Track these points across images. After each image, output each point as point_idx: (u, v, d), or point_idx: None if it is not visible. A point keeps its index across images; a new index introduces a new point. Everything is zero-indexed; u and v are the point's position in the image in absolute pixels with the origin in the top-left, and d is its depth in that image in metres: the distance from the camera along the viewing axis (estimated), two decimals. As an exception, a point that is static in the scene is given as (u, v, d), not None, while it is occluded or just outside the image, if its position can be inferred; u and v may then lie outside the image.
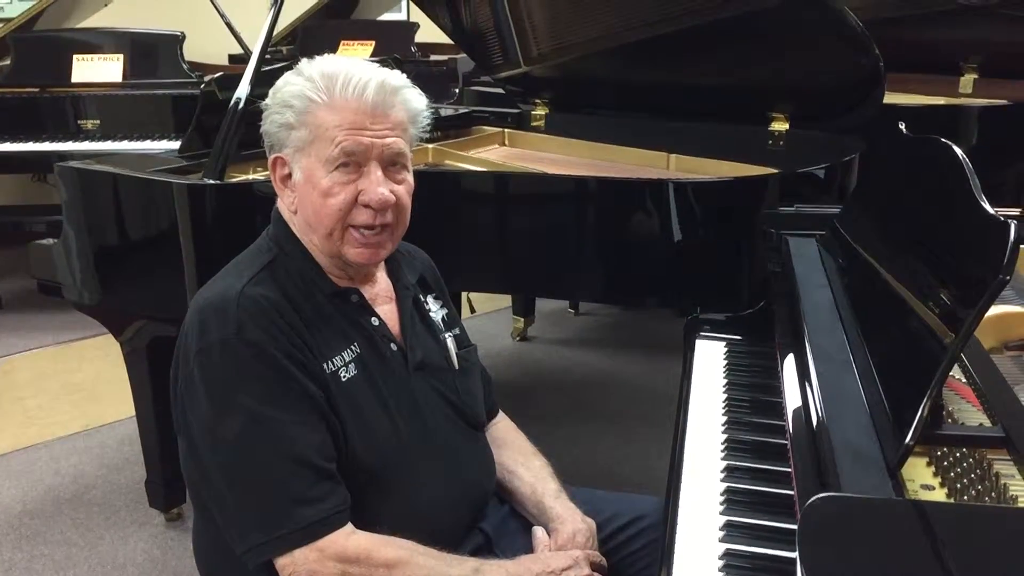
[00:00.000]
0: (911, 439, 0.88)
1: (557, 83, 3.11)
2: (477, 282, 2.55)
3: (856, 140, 2.47)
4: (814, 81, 2.53)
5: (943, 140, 1.20)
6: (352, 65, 1.30)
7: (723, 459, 1.41)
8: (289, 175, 1.33)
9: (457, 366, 1.47)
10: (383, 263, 1.44)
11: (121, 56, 4.24)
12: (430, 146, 2.87)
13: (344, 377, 1.29)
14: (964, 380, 1.24)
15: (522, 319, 3.88)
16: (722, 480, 1.35)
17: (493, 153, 3.00)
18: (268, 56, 2.56)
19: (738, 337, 1.86)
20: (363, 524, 1.26)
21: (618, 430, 3.10)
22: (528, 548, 1.42)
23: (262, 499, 1.21)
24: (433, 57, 5.18)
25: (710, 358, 1.79)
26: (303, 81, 1.30)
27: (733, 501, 1.29)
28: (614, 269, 2.33)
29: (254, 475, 1.21)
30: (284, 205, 1.37)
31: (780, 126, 2.69)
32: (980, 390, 1.08)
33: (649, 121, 2.92)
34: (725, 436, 1.47)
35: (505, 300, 4.08)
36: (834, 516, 0.80)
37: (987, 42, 3.49)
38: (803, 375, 1.17)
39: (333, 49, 5.07)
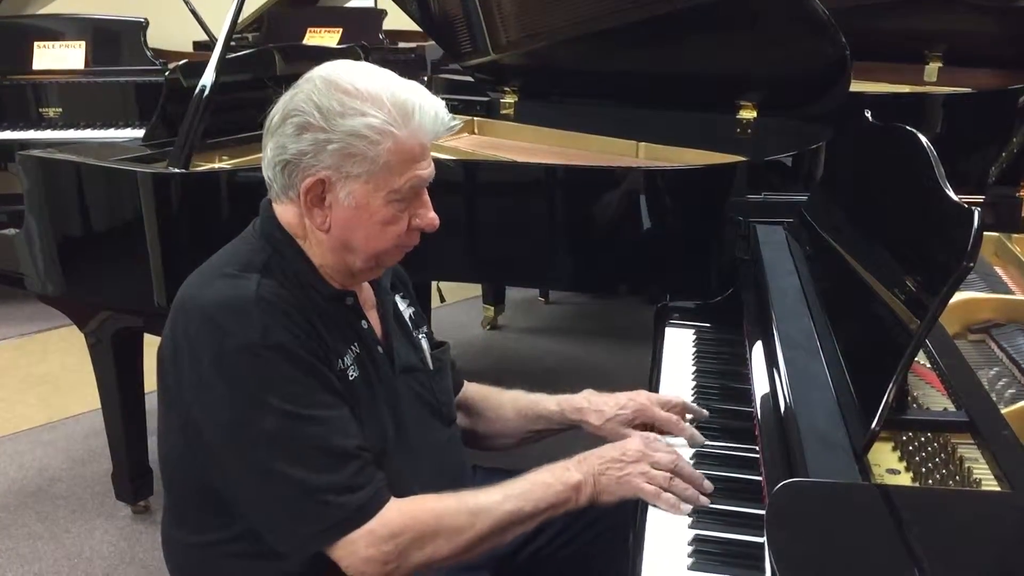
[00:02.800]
0: (877, 424, 0.89)
1: (526, 71, 3.10)
2: (447, 271, 2.54)
3: (823, 128, 2.49)
4: (781, 69, 2.54)
5: (908, 128, 1.21)
6: (418, 95, 1.25)
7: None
8: (323, 195, 1.26)
9: (432, 366, 1.47)
10: None
11: (83, 43, 4.17)
12: (399, 134, 2.85)
13: (351, 376, 1.29)
14: (929, 366, 1.25)
15: (492, 308, 3.87)
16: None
17: (462, 142, 2.98)
18: (233, 44, 2.53)
19: (707, 325, 1.87)
20: None
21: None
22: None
23: (306, 494, 1.19)
24: (401, 44, 5.15)
25: (679, 346, 1.80)
26: (380, 113, 1.22)
27: (704, 486, 1.30)
28: (584, 257, 2.33)
29: (295, 472, 1.19)
30: (304, 218, 1.29)
31: (748, 114, 2.70)
32: (944, 375, 1.10)
33: (619, 109, 2.92)
34: (694, 423, 1.48)
35: (475, 289, 4.07)
36: (801, 501, 0.81)
37: (951, 31, 3.53)
38: (771, 362, 1.18)
39: (300, 36, 5.02)
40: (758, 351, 1.29)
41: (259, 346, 1.19)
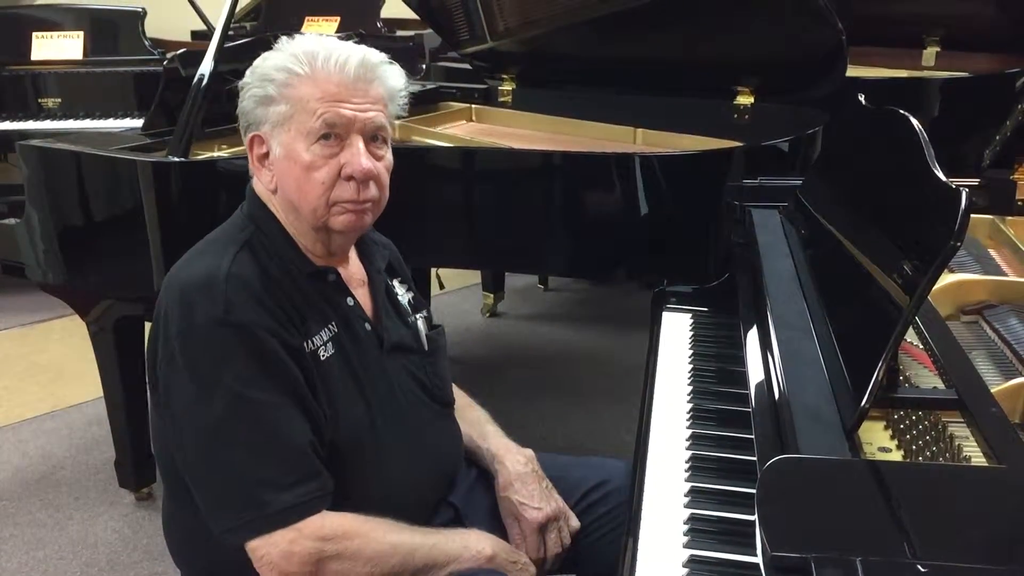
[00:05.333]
0: (867, 402, 0.90)
1: (524, 58, 3.10)
2: (446, 258, 2.56)
3: (820, 113, 2.49)
4: (778, 55, 2.54)
5: (901, 112, 1.22)
6: (333, 42, 1.31)
7: (688, 427, 1.44)
8: (267, 154, 1.32)
9: (427, 347, 1.48)
10: (355, 248, 1.45)
11: (81, 33, 4.17)
12: (396, 122, 2.86)
13: (323, 356, 1.30)
14: (920, 345, 1.27)
15: (492, 295, 3.88)
16: (687, 448, 1.38)
17: (460, 129, 2.99)
18: (231, 32, 2.53)
19: (704, 309, 1.89)
20: (337, 502, 1.27)
21: (587, 405, 3.13)
22: (495, 513, 1.46)
23: (241, 481, 1.21)
24: (400, 32, 5.13)
25: (676, 330, 1.81)
26: (284, 56, 1.29)
27: (698, 468, 1.32)
28: (581, 243, 2.34)
29: (234, 457, 1.21)
30: (262, 184, 1.35)
31: (745, 100, 2.71)
32: (935, 355, 1.11)
33: (616, 96, 2.93)
34: (691, 405, 1.50)
35: (475, 276, 4.08)
36: (791, 477, 0.82)
37: (949, 15, 3.53)
38: (765, 343, 1.20)
39: (298, 25, 5.01)
40: (752, 332, 1.30)
41: (221, 322, 1.21)
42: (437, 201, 2.36)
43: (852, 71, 3.38)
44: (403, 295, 1.50)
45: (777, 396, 1.06)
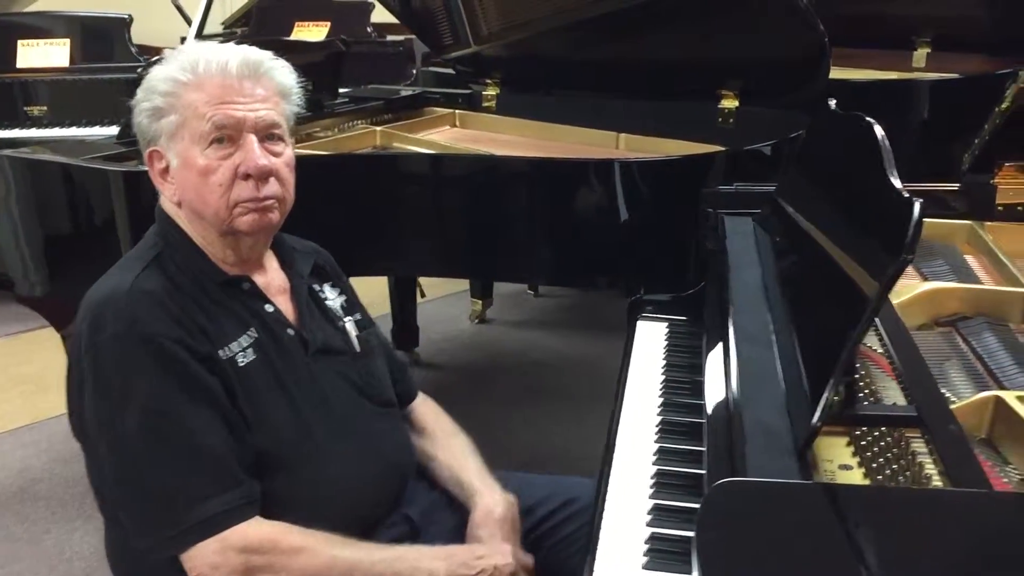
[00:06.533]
0: (818, 420, 0.86)
1: (508, 63, 3.07)
2: (424, 266, 2.52)
3: (805, 117, 2.46)
4: (761, 58, 2.51)
5: (865, 117, 1.19)
6: (214, 46, 1.33)
7: (656, 441, 1.40)
8: (167, 168, 1.33)
9: (359, 349, 1.46)
10: (274, 255, 1.45)
11: (68, 40, 4.15)
12: (378, 128, 2.84)
13: (242, 362, 1.29)
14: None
15: (480, 301, 3.85)
16: (654, 463, 1.34)
17: (443, 135, 2.96)
18: (221, 39, 2.52)
19: (681, 318, 1.84)
20: (270, 511, 1.26)
21: (574, 412, 3.09)
22: (458, 534, 1.41)
23: (161, 495, 1.20)
24: (390, 37, 5.11)
25: (651, 339, 1.78)
26: (168, 67, 1.30)
27: (663, 484, 1.28)
28: (560, 250, 2.31)
29: (153, 471, 1.20)
30: (166, 199, 1.36)
31: (730, 104, 2.68)
32: (897, 369, 1.08)
33: (600, 100, 2.90)
34: (660, 418, 1.46)
35: (463, 283, 4.05)
36: (735, 501, 0.78)
37: (939, 16, 3.50)
38: (724, 355, 1.16)
39: (288, 30, 4.99)
40: (713, 344, 1.27)
41: (126, 337, 1.20)
42: (414, 208, 2.33)
43: (842, 73, 3.39)
44: (333, 299, 1.50)
45: (730, 411, 1.02)
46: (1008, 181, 1.75)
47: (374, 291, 3.54)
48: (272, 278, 1.42)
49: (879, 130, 1.11)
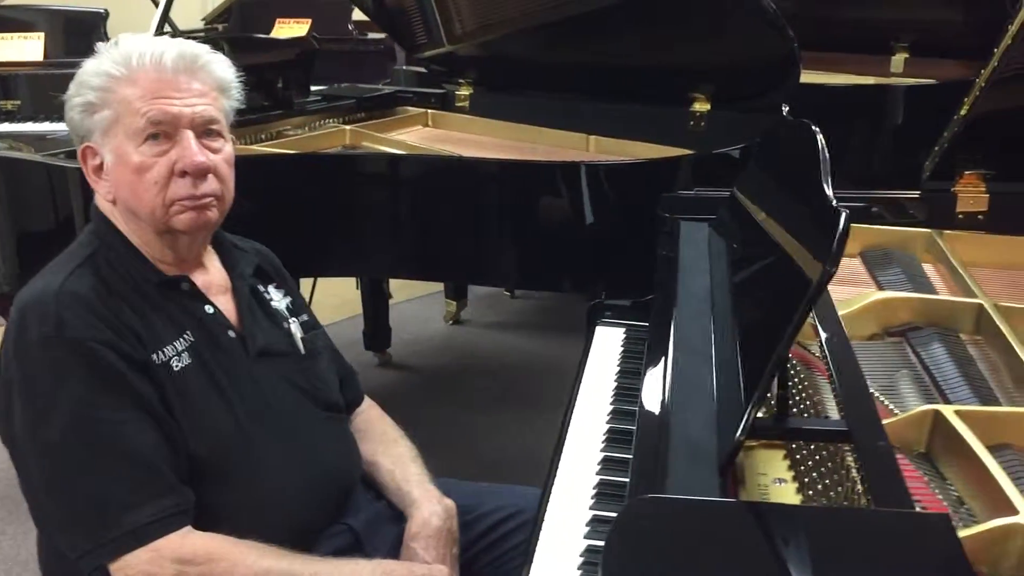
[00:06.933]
0: (741, 434, 0.84)
1: (482, 63, 3.05)
2: (388, 268, 2.50)
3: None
4: (731, 62, 2.50)
5: (809, 124, 1.17)
6: (148, 39, 1.30)
7: (602, 450, 1.37)
8: (101, 164, 1.29)
9: (303, 351, 1.43)
10: (216, 255, 1.42)
11: (42, 34, 4.11)
12: (348, 128, 2.81)
13: (176, 367, 1.25)
14: (833, 370, 1.21)
15: (455, 303, 3.82)
16: (597, 473, 1.31)
17: (414, 135, 2.93)
18: (202, 35, 2.49)
19: (641, 324, 1.82)
20: (207, 520, 1.23)
21: (545, 417, 3.04)
22: (400, 543, 1.39)
23: (90, 503, 1.17)
24: (371, 36, 5.08)
25: (608, 345, 1.76)
26: (101, 60, 1.27)
27: (604, 495, 1.25)
28: (526, 253, 2.29)
29: (80, 479, 1.17)
30: (101, 197, 1.33)
31: (701, 107, 2.66)
32: (834, 382, 1.06)
33: (573, 102, 2.87)
34: (608, 426, 1.43)
35: (437, 284, 4.02)
36: (648, 520, 0.76)
37: (918, 20, 3.48)
38: (662, 366, 1.14)
39: (269, 27, 4.96)
40: (652, 353, 1.25)
41: (52, 341, 1.17)
42: (377, 209, 2.31)
43: (819, 77, 3.37)
44: (278, 300, 1.47)
45: (659, 424, 1.00)
46: (969, 189, 1.73)
47: (349, 291, 3.52)
48: (213, 278, 1.39)
49: (820, 138, 1.09)
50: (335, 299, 3.68)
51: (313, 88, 3.12)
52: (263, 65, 2.87)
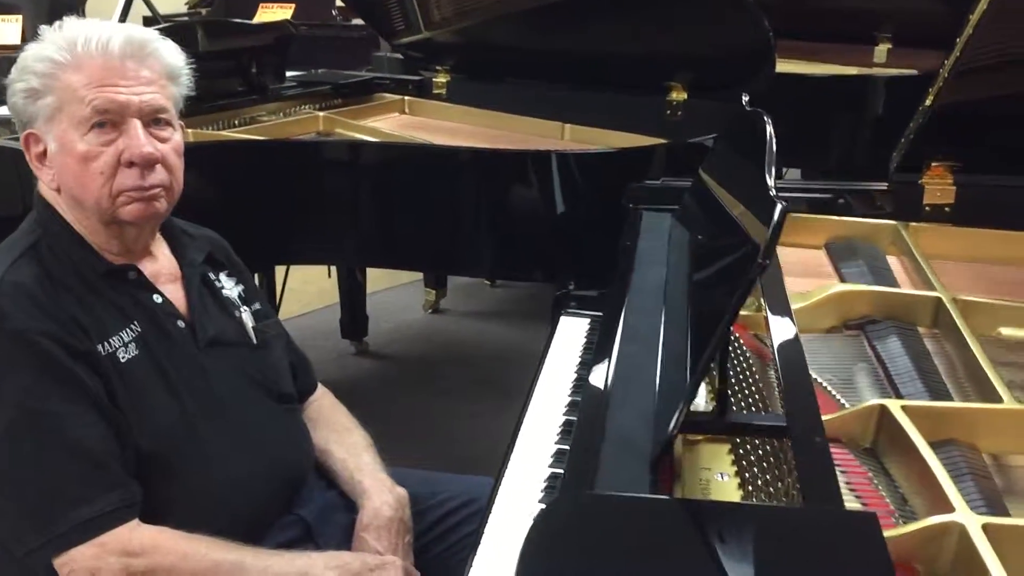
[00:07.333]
0: (673, 428, 0.83)
1: (459, 50, 3.03)
2: (360, 256, 2.49)
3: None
4: (707, 51, 2.48)
5: (762, 114, 1.15)
6: (95, 23, 1.26)
7: (556, 443, 1.36)
8: (44, 151, 1.26)
9: (255, 340, 1.41)
10: (165, 242, 1.39)
11: (20, 17, 4.07)
12: (321, 114, 2.78)
13: (123, 358, 1.23)
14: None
15: (434, 291, 3.80)
16: (550, 465, 1.30)
17: (389, 122, 2.91)
18: (186, 19, 2.46)
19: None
20: (156, 513, 1.21)
21: (520, 407, 3.05)
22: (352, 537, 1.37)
23: (35, 498, 1.15)
24: (355, 21, 5.04)
25: (571, 336, 1.74)
26: (44, 45, 1.24)
27: (554, 488, 1.24)
28: (497, 242, 2.28)
29: (26, 472, 1.15)
30: (44, 184, 1.29)
31: (678, 96, 2.64)
32: (778, 377, 1.04)
33: (551, 91, 2.85)
34: (564, 418, 1.42)
35: (417, 272, 4.00)
36: (570, 518, 0.74)
37: (900, 10, 3.46)
38: (607, 358, 1.12)
39: (252, 12, 4.92)
40: (600, 345, 1.23)
41: None
42: (348, 197, 2.29)
43: (803, 67, 3.35)
44: (230, 288, 1.44)
45: (596, 419, 0.98)
46: (936, 182, 1.71)
47: (328, 280, 3.50)
48: (162, 266, 1.36)
49: (769, 128, 1.07)
50: (313, 287, 3.66)
51: (291, 74, 3.10)
52: (237, 50, 2.84)
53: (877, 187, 1.75)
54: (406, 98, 3.05)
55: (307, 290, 3.70)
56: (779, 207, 0.80)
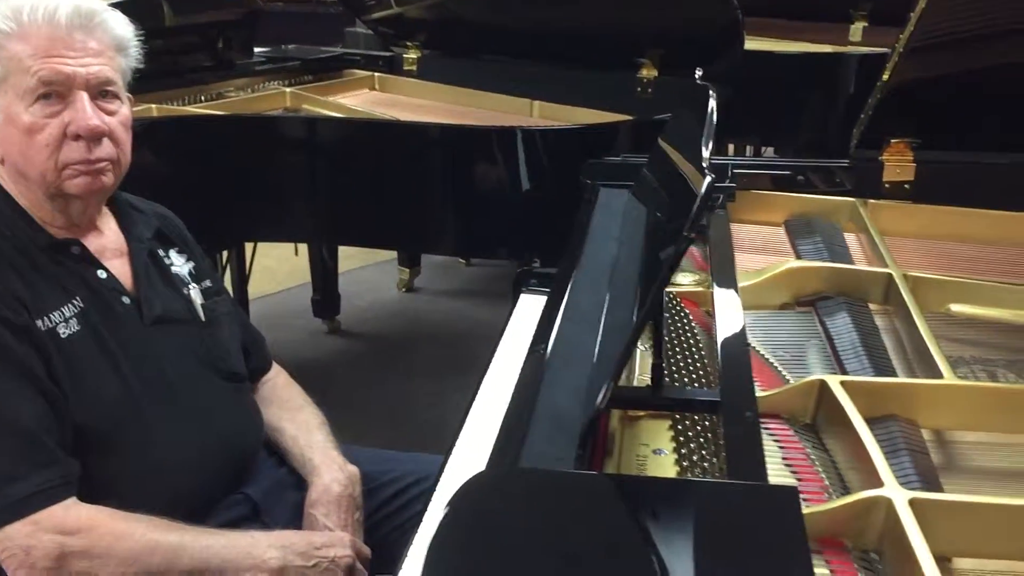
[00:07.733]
0: (600, 403, 0.82)
1: (430, 25, 3.00)
2: (321, 233, 2.47)
3: (722, 88, 2.41)
4: (677, 28, 2.47)
5: (708, 87, 1.14)
6: None
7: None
8: None
9: (204, 318, 1.39)
10: (113, 217, 1.37)
11: None
12: (288, 90, 2.76)
13: (64, 334, 1.21)
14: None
15: (408, 270, 3.78)
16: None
17: (358, 98, 2.89)
18: None
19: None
20: (96, 491, 1.19)
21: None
22: (300, 512, 1.36)
23: None
24: (330, -2, 5.00)
25: (530, 313, 1.72)
26: None
27: (499, 465, 1.23)
28: (461, 219, 2.26)
29: None
30: None
31: (649, 73, 2.63)
32: (715, 353, 1.03)
33: (521, 67, 2.84)
34: (515, 396, 1.41)
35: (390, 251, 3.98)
36: (487, 497, 0.73)
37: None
38: (548, 336, 1.11)
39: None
40: (542, 322, 1.22)
41: None
42: (310, 174, 2.27)
43: (777, 45, 3.34)
44: (180, 265, 1.42)
45: (528, 395, 0.97)
46: (895, 158, 1.71)
47: (301, 259, 3.47)
48: (107, 241, 1.34)
49: (712, 101, 1.06)
50: (286, 264, 3.64)
51: (260, 50, 3.07)
52: (204, 24, 2.80)
53: (839, 164, 1.74)
54: (376, 74, 3.03)
55: (282, 268, 3.68)
56: (707, 180, 0.79)
